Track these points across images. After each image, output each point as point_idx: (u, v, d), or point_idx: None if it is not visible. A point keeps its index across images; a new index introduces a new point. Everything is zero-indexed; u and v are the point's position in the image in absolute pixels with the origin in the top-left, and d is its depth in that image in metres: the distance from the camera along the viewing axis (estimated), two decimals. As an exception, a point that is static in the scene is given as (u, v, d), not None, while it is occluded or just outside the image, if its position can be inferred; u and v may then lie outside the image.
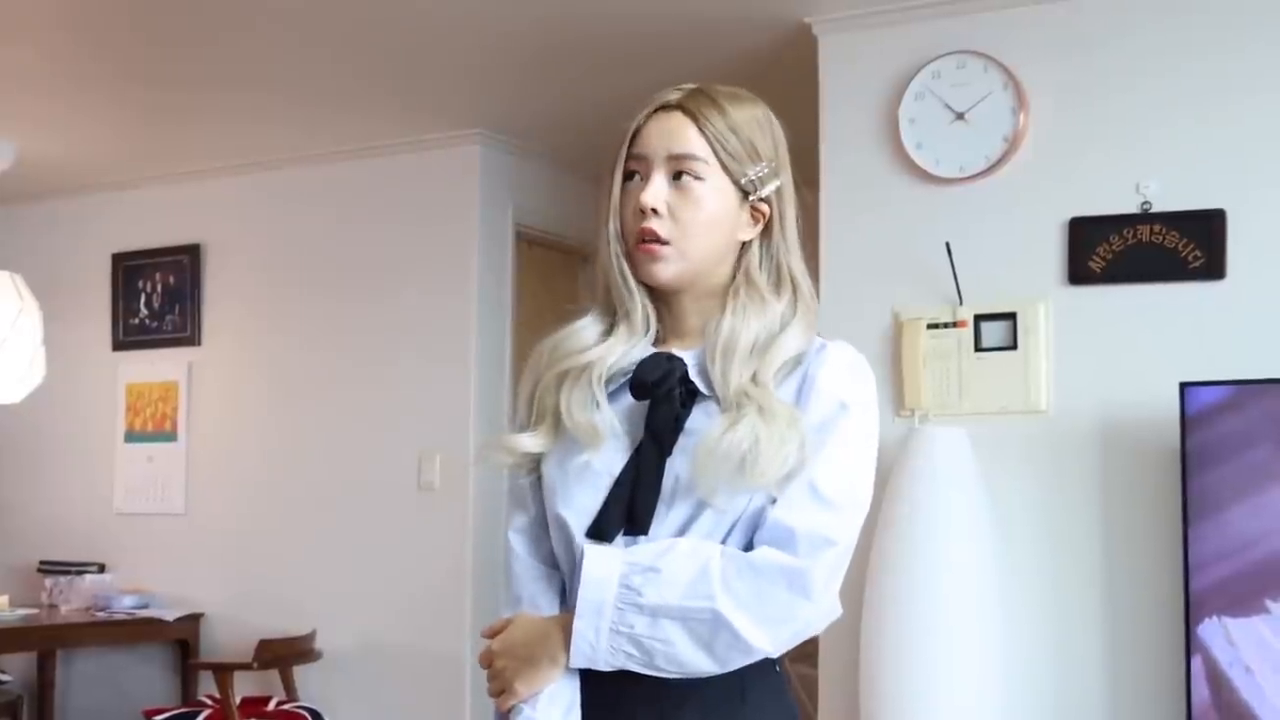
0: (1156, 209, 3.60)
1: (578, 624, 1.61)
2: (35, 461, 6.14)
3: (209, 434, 5.78)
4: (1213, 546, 3.28)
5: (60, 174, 5.86)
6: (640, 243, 1.71)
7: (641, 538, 1.65)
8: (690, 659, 1.61)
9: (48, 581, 5.79)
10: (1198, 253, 3.53)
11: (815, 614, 1.63)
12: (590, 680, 1.66)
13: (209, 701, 5.05)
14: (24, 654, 5.77)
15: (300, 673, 5.19)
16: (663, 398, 1.68)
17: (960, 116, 3.83)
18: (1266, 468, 3.25)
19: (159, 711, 5.00)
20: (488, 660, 1.70)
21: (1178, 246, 3.56)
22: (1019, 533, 3.66)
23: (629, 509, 1.66)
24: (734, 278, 1.75)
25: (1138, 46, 3.66)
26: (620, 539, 1.65)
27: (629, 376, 1.71)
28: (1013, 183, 3.79)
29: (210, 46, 4.34)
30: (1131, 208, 3.62)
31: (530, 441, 1.75)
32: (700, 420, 1.68)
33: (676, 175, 1.71)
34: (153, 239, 5.94)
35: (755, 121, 1.75)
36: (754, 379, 1.68)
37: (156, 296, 5.94)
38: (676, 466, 1.66)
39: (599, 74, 4.55)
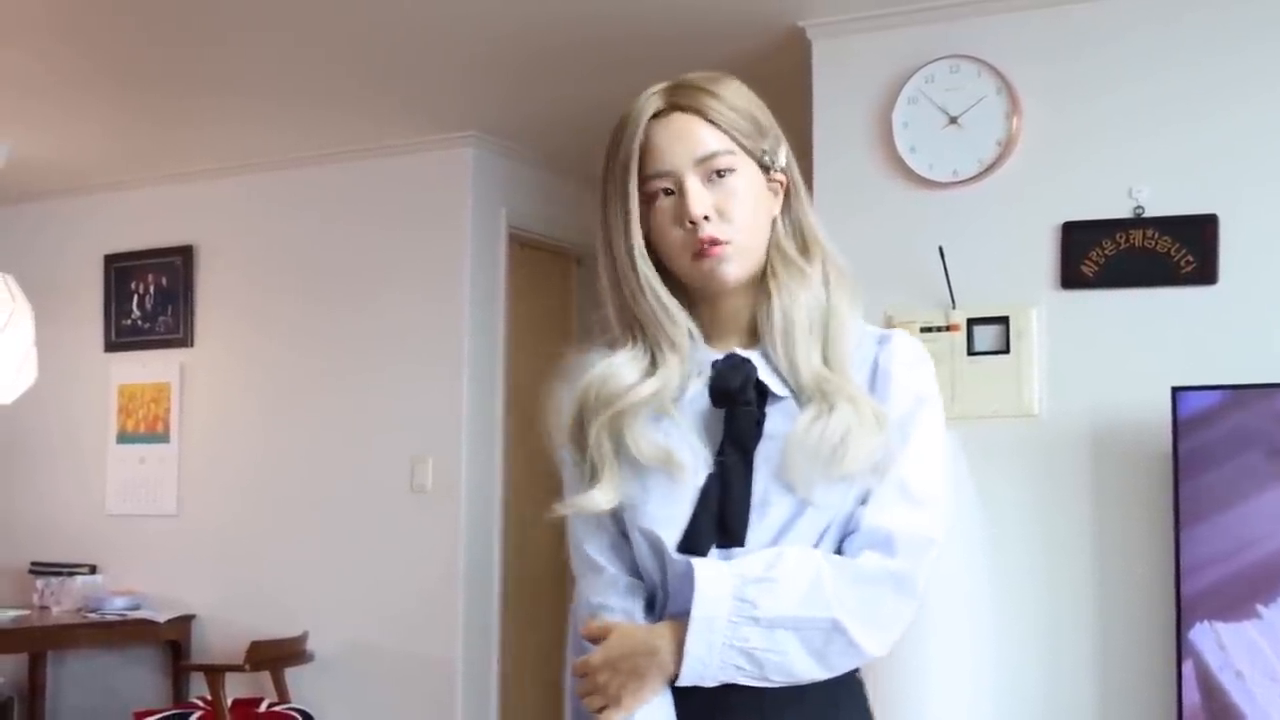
0: (1149, 214, 3.61)
1: (691, 642, 1.56)
2: (27, 462, 6.12)
3: (201, 435, 5.77)
4: (1204, 551, 3.29)
5: (53, 175, 5.85)
6: (701, 251, 1.65)
7: (737, 550, 1.60)
8: (802, 667, 1.58)
9: (39, 583, 5.77)
10: (1190, 257, 3.54)
11: (915, 613, 1.64)
12: (682, 694, 1.62)
13: (200, 703, 5.04)
14: (15, 655, 5.76)
15: (292, 675, 5.18)
16: (741, 404, 1.63)
17: (954, 120, 3.84)
18: (1258, 472, 3.25)
19: (150, 713, 4.99)
20: (584, 670, 1.64)
21: (1170, 251, 3.56)
22: (1010, 536, 3.66)
23: (720, 521, 1.61)
24: (767, 256, 1.71)
25: (1131, 51, 3.67)
26: (714, 551, 1.61)
27: (693, 383, 1.68)
28: (1006, 187, 3.79)
29: (204, 49, 4.34)
30: (1124, 212, 3.63)
31: (603, 498, 1.66)
32: (778, 422, 1.64)
33: (710, 175, 1.66)
34: (145, 240, 5.94)
35: (745, 95, 1.72)
36: (825, 361, 1.65)
37: (149, 298, 5.93)
38: (763, 472, 1.62)
39: (592, 76, 4.55)
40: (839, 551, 1.63)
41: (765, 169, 1.71)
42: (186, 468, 5.78)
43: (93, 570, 5.82)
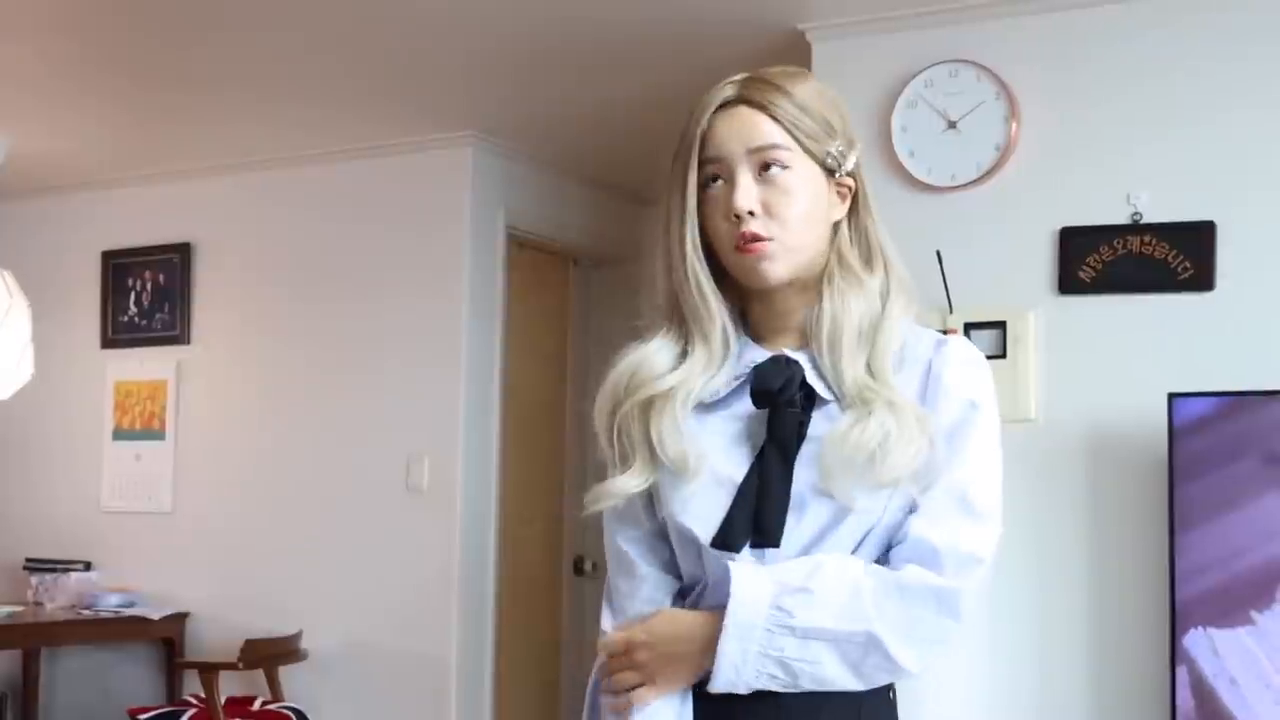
0: (1147, 220, 3.61)
1: (724, 646, 1.54)
2: (22, 458, 6.12)
3: (197, 433, 5.77)
4: (1199, 557, 3.29)
5: (51, 171, 5.85)
6: (741, 246, 1.63)
7: (770, 550, 1.60)
8: (836, 678, 1.56)
9: (33, 579, 5.77)
10: (1187, 264, 3.54)
11: (961, 633, 1.60)
12: (701, 698, 1.62)
13: (194, 701, 5.04)
14: (9, 652, 5.75)
15: (286, 673, 5.18)
16: (784, 405, 1.62)
17: (952, 125, 3.84)
18: (1253, 479, 3.25)
19: (144, 710, 4.99)
20: (625, 646, 1.64)
21: (1167, 258, 3.56)
22: (1006, 541, 3.65)
23: (755, 519, 1.60)
24: (828, 260, 1.69)
25: (1130, 57, 3.67)
26: (747, 550, 1.60)
27: (740, 381, 1.67)
28: (1004, 192, 3.79)
29: (203, 46, 4.34)
30: (1122, 218, 3.63)
31: (632, 482, 1.67)
32: (821, 426, 1.62)
33: (763, 169, 1.64)
34: (143, 237, 5.93)
35: (820, 96, 1.69)
36: (869, 370, 1.63)
37: (146, 295, 5.93)
38: (803, 475, 1.61)
39: (592, 77, 4.55)
40: (884, 559, 1.61)
41: (830, 171, 1.68)
42: (182, 465, 5.78)
43: (87, 567, 5.82)
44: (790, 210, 1.64)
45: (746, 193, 1.63)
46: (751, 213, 1.63)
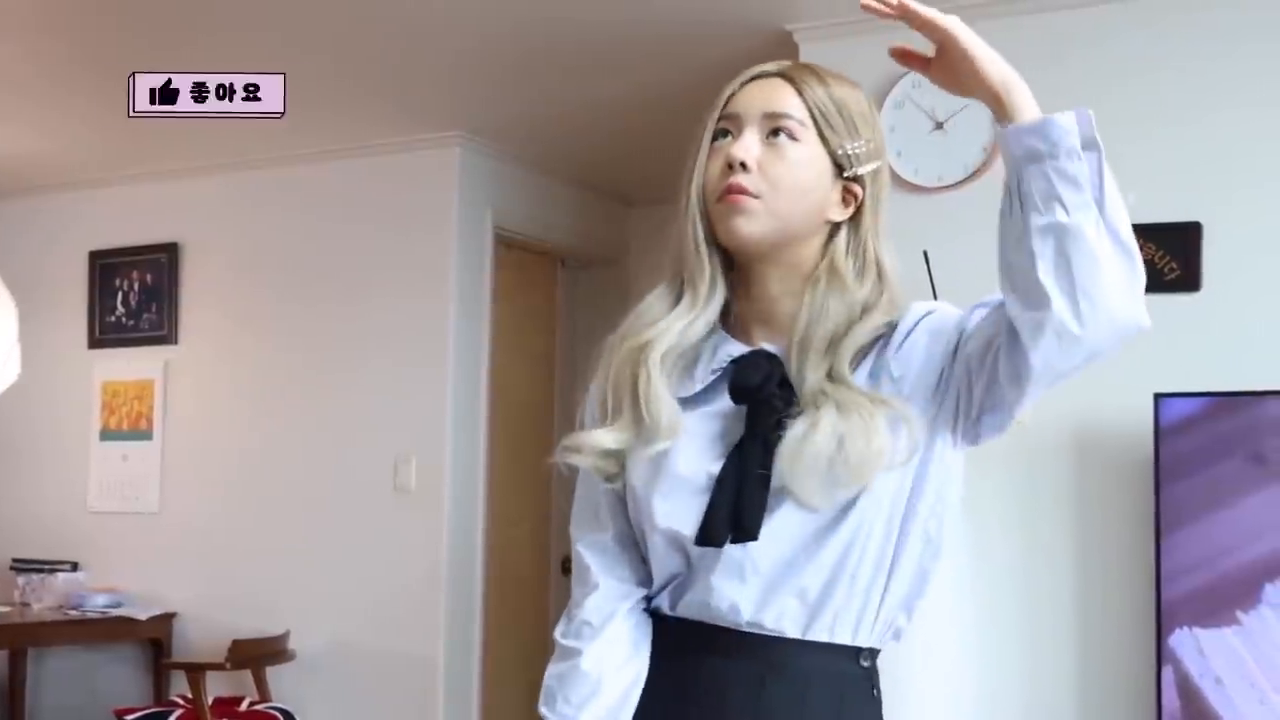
0: (1133, 221, 3.58)
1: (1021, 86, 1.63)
2: (9, 458, 6.10)
3: (184, 433, 5.76)
4: (1185, 557, 3.30)
5: (39, 171, 5.84)
6: (724, 194, 1.62)
7: (750, 544, 1.59)
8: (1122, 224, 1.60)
9: (20, 579, 5.76)
10: (1173, 265, 3.55)
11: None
12: (682, 662, 1.64)
13: (181, 701, 5.03)
14: (-5, 652, 5.75)
15: (273, 673, 5.18)
16: (764, 401, 1.61)
17: (939, 126, 3.85)
18: (1239, 479, 3.26)
19: (130, 711, 4.98)
20: None
21: (1154, 258, 3.57)
22: (992, 542, 3.67)
23: (734, 515, 1.58)
24: (819, 263, 1.68)
25: (1116, 58, 3.68)
26: (728, 545, 1.59)
27: (717, 375, 1.66)
28: (991, 192, 3.78)
29: (190, 46, 4.33)
30: (1108, 219, 3.63)
31: (610, 437, 1.65)
32: (797, 422, 1.61)
33: (773, 134, 1.63)
34: (130, 237, 5.92)
35: (857, 101, 1.71)
36: (830, 374, 1.61)
37: (134, 295, 5.92)
38: (779, 470, 1.59)
39: (579, 78, 4.55)
40: (888, 543, 1.66)
41: (839, 167, 1.67)
42: (169, 465, 5.77)
43: (74, 567, 5.81)
44: (785, 178, 1.63)
45: (746, 146, 1.63)
46: (745, 165, 1.62)
